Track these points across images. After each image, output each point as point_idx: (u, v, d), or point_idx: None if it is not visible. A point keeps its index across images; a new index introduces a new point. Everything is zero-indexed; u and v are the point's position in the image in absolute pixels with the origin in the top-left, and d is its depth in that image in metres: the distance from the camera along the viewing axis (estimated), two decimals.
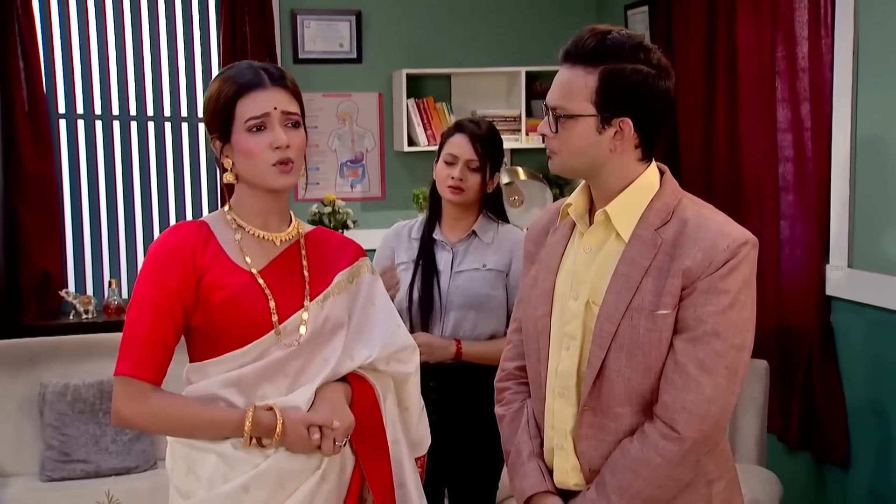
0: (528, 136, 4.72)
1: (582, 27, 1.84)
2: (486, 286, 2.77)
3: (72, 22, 4.42)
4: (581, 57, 1.78)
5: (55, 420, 3.74)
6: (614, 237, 1.84)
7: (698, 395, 1.74)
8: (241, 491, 1.83)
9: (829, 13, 3.28)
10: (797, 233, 3.53)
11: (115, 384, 1.84)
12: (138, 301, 1.86)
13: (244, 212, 1.95)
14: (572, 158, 1.83)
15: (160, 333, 1.84)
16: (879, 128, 3.11)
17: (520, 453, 1.97)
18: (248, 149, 1.87)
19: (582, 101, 1.78)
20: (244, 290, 1.88)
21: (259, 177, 1.89)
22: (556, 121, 1.81)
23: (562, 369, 1.88)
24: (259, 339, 1.87)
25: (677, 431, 1.75)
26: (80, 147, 4.50)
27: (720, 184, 3.89)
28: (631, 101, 1.77)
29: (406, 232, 2.91)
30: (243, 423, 1.82)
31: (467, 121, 2.90)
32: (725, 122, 3.87)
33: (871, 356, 3.22)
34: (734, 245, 1.75)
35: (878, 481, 3.21)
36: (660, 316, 1.76)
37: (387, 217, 4.30)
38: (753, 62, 3.70)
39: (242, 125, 1.87)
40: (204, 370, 1.89)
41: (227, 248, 1.91)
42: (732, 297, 1.74)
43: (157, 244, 1.90)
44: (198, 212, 4.68)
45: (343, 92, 4.73)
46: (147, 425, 1.91)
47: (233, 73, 1.91)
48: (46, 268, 4.30)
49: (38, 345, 3.92)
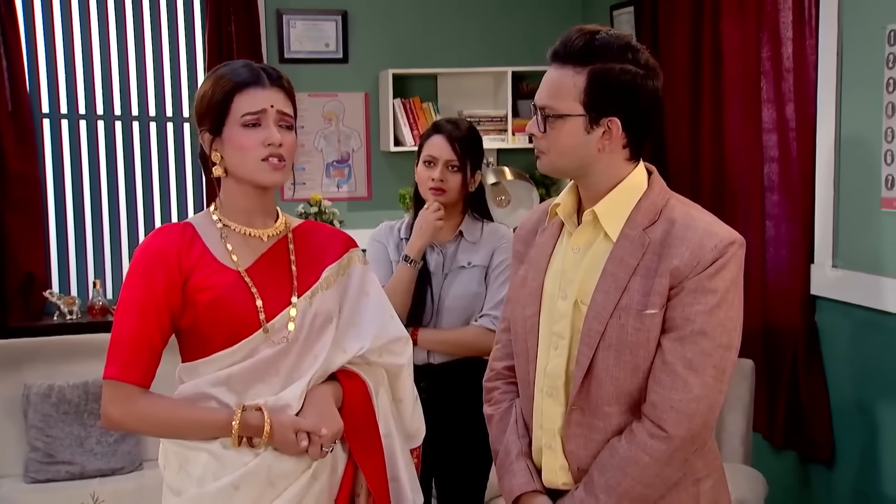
0: (514, 137, 4.72)
1: (568, 27, 1.84)
2: (473, 284, 2.78)
3: (55, 20, 4.40)
4: (570, 57, 1.78)
5: (39, 421, 3.72)
6: (602, 237, 1.85)
7: (686, 394, 1.74)
8: (231, 489, 1.83)
9: (814, 14, 3.30)
10: (782, 233, 3.55)
11: (104, 387, 1.85)
12: (125, 305, 1.86)
13: (230, 209, 1.95)
14: (561, 158, 1.84)
15: (147, 337, 1.84)
16: (863, 128, 3.13)
17: (508, 453, 1.97)
18: (240, 143, 1.87)
19: (570, 101, 1.78)
20: (230, 289, 1.88)
21: (248, 172, 1.89)
22: (545, 120, 1.81)
23: (550, 369, 1.88)
24: (247, 339, 1.87)
25: (665, 430, 1.75)
26: (64, 147, 4.48)
27: (706, 184, 3.90)
28: (619, 100, 1.78)
29: (395, 232, 2.91)
30: (231, 424, 1.82)
31: (445, 121, 2.90)
32: (711, 122, 3.88)
33: (856, 355, 3.23)
34: (721, 245, 1.76)
35: (863, 480, 3.23)
36: (648, 315, 1.76)
37: (373, 217, 4.29)
38: (739, 62, 3.71)
39: (237, 119, 1.87)
40: (195, 370, 1.90)
41: (213, 247, 1.92)
42: (720, 296, 1.75)
43: (142, 248, 1.91)
44: (183, 211, 4.66)
45: (329, 92, 4.72)
46: (136, 427, 1.92)
47: (230, 70, 1.92)
48: (30, 268, 4.27)
49: (22, 346, 3.90)
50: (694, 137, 4.00)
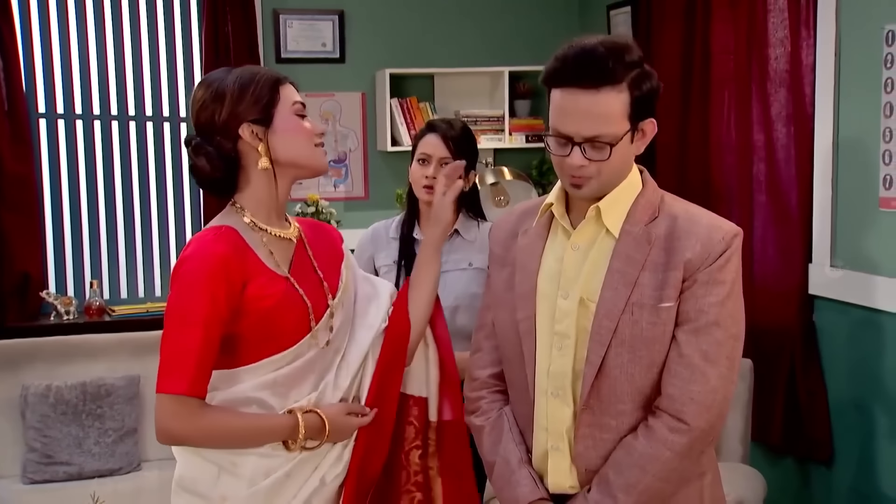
0: (511, 136, 4.72)
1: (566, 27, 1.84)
2: (472, 285, 2.77)
3: (52, 20, 4.38)
4: (605, 78, 1.73)
5: (37, 422, 3.71)
6: (604, 234, 1.85)
7: (704, 386, 1.76)
8: (284, 478, 1.90)
9: (812, 14, 3.31)
10: (780, 232, 3.55)
11: (165, 401, 1.80)
12: (188, 315, 1.81)
13: (257, 208, 1.95)
14: (614, 177, 1.82)
15: (212, 350, 1.82)
16: (861, 128, 3.13)
17: (508, 462, 1.94)
18: (299, 128, 1.94)
19: (621, 121, 1.76)
20: (285, 297, 1.91)
21: (307, 157, 1.96)
22: (599, 149, 1.76)
23: (554, 369, 1.86)
24: (297, 344, 1.91)
25: (686, 423, 1.76)
26: (60, 147, 4.46)
27: (700, 184, 3.89)
28: (653, 101, 1.81)
29: (384, 233, 2.89)
30: (297, 430, 1.88)
31: (439, 120, 2.90)
32: (706, 121, 3.88)
33: (854, 355, 3.24)
34: (728, 237, 1.79)
35: (861, 480, 3.23)
36: (664, 309, 1.77)
37: (370, 217, 4.27)
38: (734, 62, 3.72)
39: (288, 108, 1.93)
40: (235, 377, 1.89)
41: (259, 253, 1.92)
42: (729, 287, 1.78)
43: (202, 255, 1.84)
44: (180, 211, 4.65)
45: (326, 92, 4.71)
46: (200, 441, 1.87)
47: (255, 68, 1.98)
48: (27, 269, 4.26)
49: (19, 346, 3.89)
50: (685, 137, 3.99)
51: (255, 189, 1.95)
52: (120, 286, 4.59)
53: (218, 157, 1.91)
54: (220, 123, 1.90)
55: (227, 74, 1.94)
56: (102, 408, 3.79)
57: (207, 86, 1.93)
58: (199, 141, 1.93)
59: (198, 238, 1.90)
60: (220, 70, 1.97)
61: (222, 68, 1.99)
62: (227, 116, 1.90)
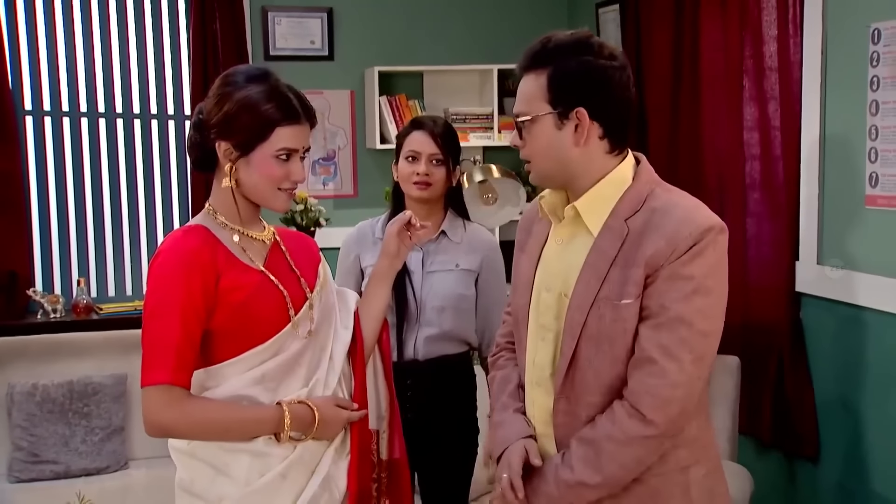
0: (500, 134, 4.72)
1: (555, 24, 1.88)
2: (459, 286, 2.77)
3: (38, 16, 4.36)
4: (531, 63, 1.86)
5: (24, 421, 3.70)
6: (585, 229, 1.87)
7: (662, 380, 1.76)
8: (279, 479, 1.90)
9: (798, 13, 3.32)
10: (767, 230, 3.56)
11: (151, 393, 1.83)
12: (164, 307, 1.84)
13: (230, 214, 1.98)
14: (542, 161, 1.87)
15: (191, 339, 1.85)
16: (847, 125, 3.14)
17: (506, 407, 2.01)
18: (270, 173, 1.93)
19: (538, 102, 1.84)
20: (260, 287, 1.93)
21: (265, 198, 1.96)
22: (521, 129, 1.87)
23: (538, 360, 1.92)
24: (278, 335, 1.93)
25: (643, 414, 1.77)
26: (47, 144, 4.44)
27: (689, 181, 3.90)
28: (581, 90, 1.82)
29: (369, 233, 2.89)
30: (282, 421, 1.89)
31: (424, 117, 2.93)
32: (696, 120, 3.89)
33: (841, 352, 3.25)
34: (697, 231, 1.76)
35: (848, 476, 3.25)
36: (623, 306, 1.78)
37: (359, 215, 4.26)
38: (723, 60, 3.73)
39: (272, 150, 1.92)
40: (220, 373, 1.92)
41: (232, 249, 1.96)
42: (697, 282, 1.76)
43: (173, 249, 1.89)
44: (167, 208, 4.64)
45: (315, 89, 4.70)
46: (187, 432, 1.90)
47: (275, 93, 1.92)
48: (13, 267, 4.24)
49: (6, 344, 3.87)
50: (678, 135, 4.00)
51: (224, 196, 1.98)
52: (107, 284, 4.57)
53: (196, 144, 1.98)
54: (209, 124, 1.94)
55: (244, 84, 1.92)
56: (89, 406, 3.77)
57: (224, 84, 1.94)
58: (195, 122, 1.99)
59: (169, 236, 1.95)
60: (245, 73, 1.95)
61: (253, 70, 1.97)
62: (215, 123, 1.92)
